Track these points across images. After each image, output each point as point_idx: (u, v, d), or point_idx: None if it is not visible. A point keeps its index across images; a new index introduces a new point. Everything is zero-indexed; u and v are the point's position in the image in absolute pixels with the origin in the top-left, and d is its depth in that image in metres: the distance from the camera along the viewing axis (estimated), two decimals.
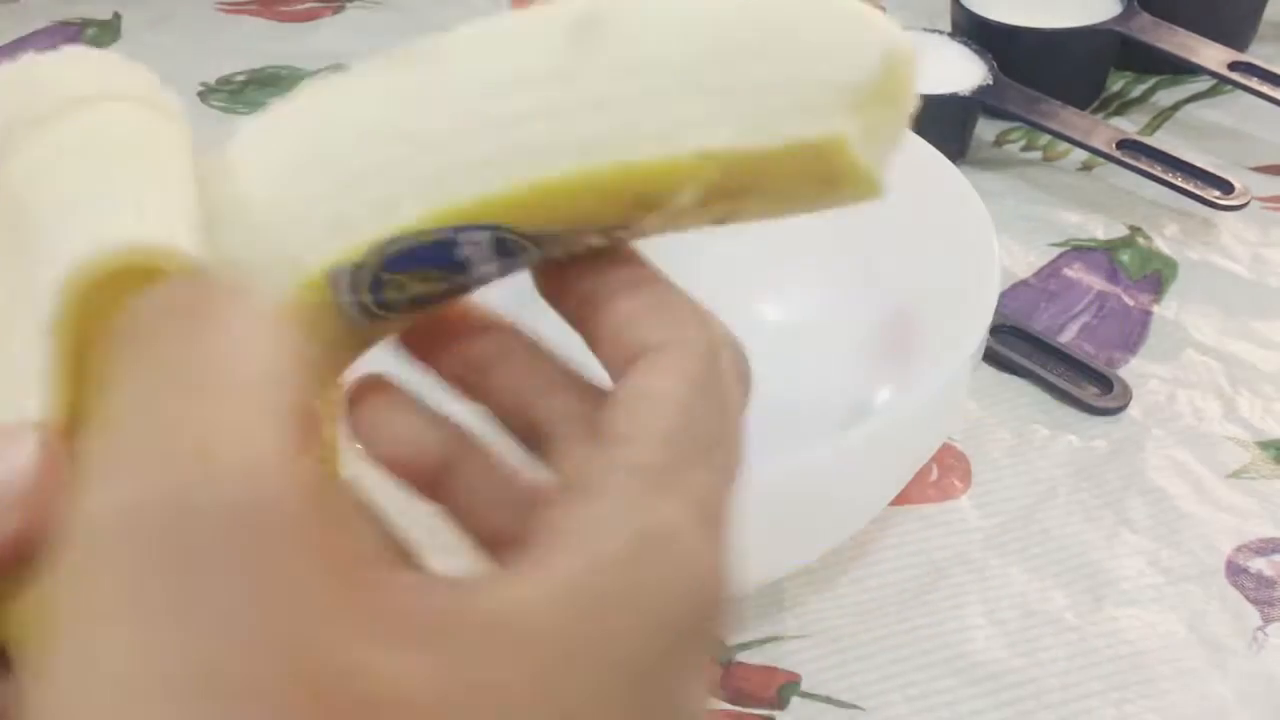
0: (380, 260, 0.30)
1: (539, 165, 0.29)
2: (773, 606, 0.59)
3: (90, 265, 0.26)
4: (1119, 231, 0.78)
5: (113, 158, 0.28)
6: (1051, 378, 0.69)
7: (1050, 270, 0.76)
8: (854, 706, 0.56)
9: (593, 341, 0.30)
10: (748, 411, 0.30)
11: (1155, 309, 0.74)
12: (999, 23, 0.85)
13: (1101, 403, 0.68)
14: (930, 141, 0.64)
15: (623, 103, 0.29)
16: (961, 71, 0.82)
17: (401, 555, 0.29)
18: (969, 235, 0.60)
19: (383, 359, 0.33)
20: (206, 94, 0.92)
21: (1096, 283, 0.75)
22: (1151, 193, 0.80)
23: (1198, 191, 0.76)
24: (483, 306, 0.32)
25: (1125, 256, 0.77)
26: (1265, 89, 0.81)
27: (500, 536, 0.29)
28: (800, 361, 0.67)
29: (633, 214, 0.31)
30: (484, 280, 0.31)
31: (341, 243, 0.29)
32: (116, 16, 1.02)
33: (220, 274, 0.27)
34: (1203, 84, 0.89)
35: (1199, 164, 0.77)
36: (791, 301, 0.69)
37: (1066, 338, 0.72)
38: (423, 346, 0.32)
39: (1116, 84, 0.90)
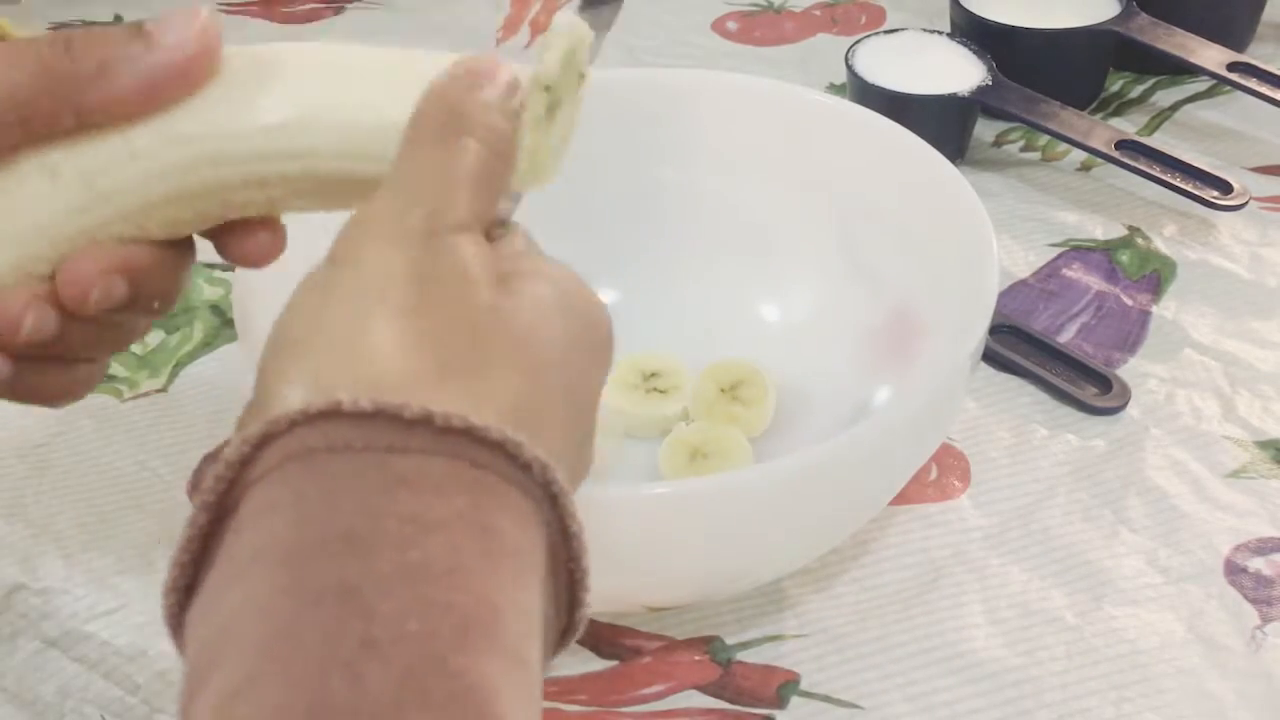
0: None
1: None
2: (773, 606, 0.59)
3: None
4: (1118, 231, 0.79)
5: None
6: (1050, 377, 0.69)
7: (1049, 270, 0.76)
8: (853, 705, 0.56)
9: None
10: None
11: (1154, 309, 0.74)
12: (998, 23, 0.85)
13: (1100, 402, 0.68)
14: (929, 142, 0.64)
15: None
16: (961, 72, 0.82)
17: None
18: (968, 235, 0.60)
19: None
20: None
21: (1095, 283, 0.75)
22: (1150, 193, 0.80)
23: (1196, 192, 0.76)
24: None
25: (1124, 256, 0.77)
26: (1264, 89, 0.82)
27: None
28: (800, 362, 0.67)
29: None
30: None
31: None
32: (117, 18, 1.02)
33: None
34: (1201, 84, 0.89)
35: (1198, 164, 0.78)
36: (791, 301, 0.69)
37: (1065, 338, 0.72)
38: None
39: (1115, 84, 0.90)
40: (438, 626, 0.30)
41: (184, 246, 0.44)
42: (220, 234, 0.44)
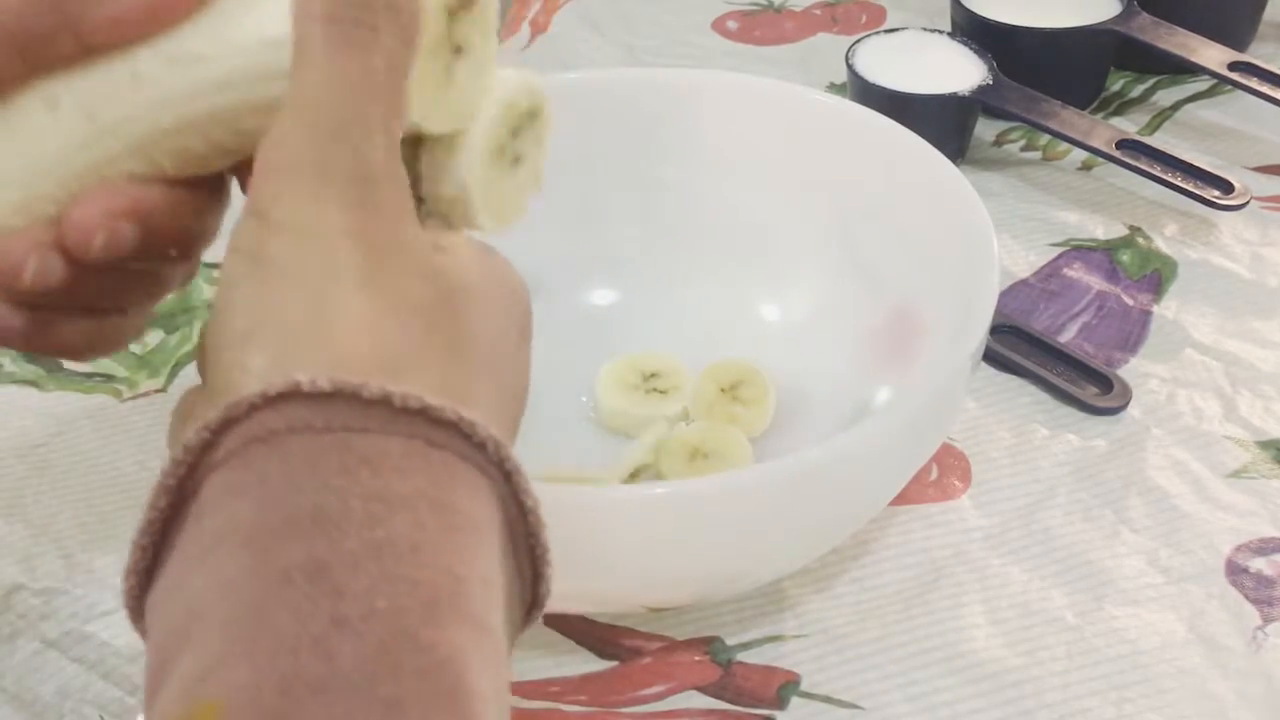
0: None
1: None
2: (773, 606, 0.59)
3: None
4: (1119, 231, 0.78)
5: None
6: (1051, 377, 0.69)
7: (1050, 270, 0.76)
8: (854, 706, 0.56)
9: None
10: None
11: (1155, 308, 0.74)
12: (999, 22, 0.85)
13: (1101, 402, 0.68)
14: (930, 141, 0.64)
15: None
16: (961, 71, 0.82)
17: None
18: (969, 235, 0.60)
19: None
20: None
21: (1096, 282, 0.75)
22: (1151, 192, 0.80)
23: (1197, 191, 0.76)
24: None
25: (1125, 256, 0.77)
26: (1265, 89, 0.81)
27: None
28: (800, 361, 0.67)
29: None
30: None
31: None
32: None
33: None
34: (1202, 84, 0.89)
35: (1198, 164, 0.77)
36: (791, 301, 0.69)
37: (1066, 337, 0.72)
38: None
39: (1116, 84, 0.90)
40: (406, 602, 0.30)
41: (206, 189, 0.41)
42: (243, 171, 0.40)
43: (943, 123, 0.81)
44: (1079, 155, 0.83)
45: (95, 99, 0.39)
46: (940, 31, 0.86)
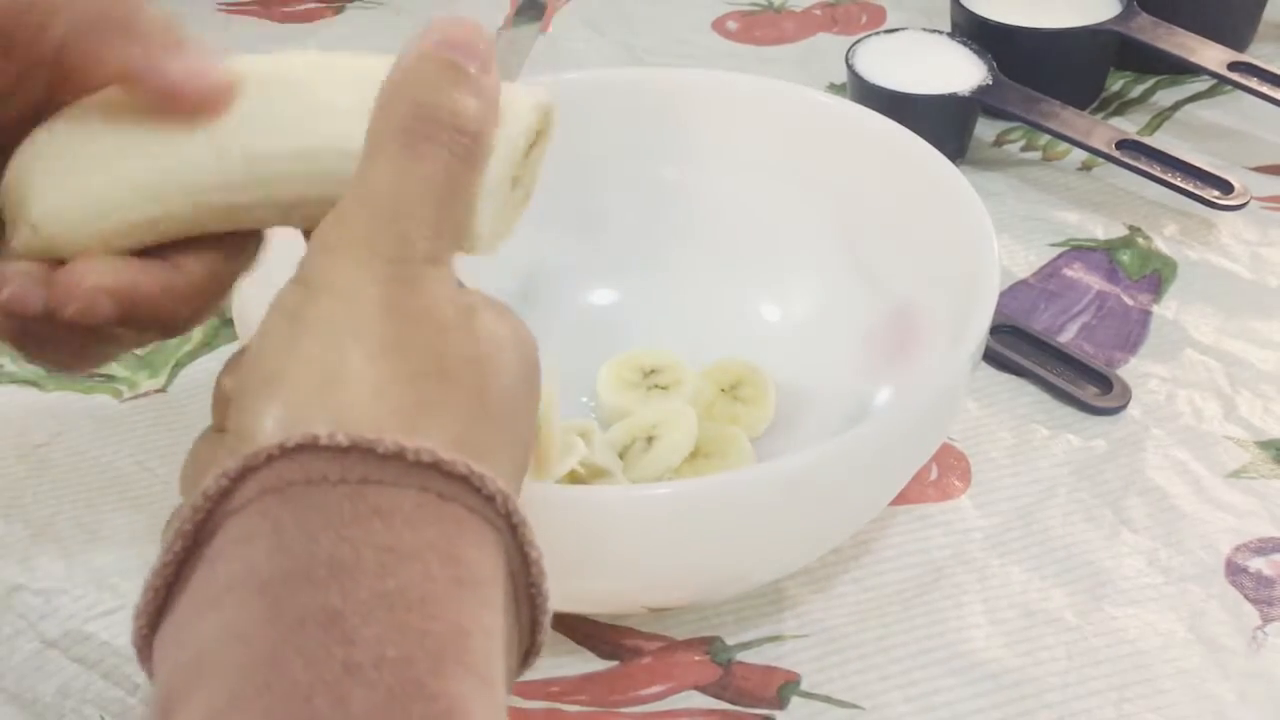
0: None
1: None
2: (773, 606, 0.59)
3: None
4: (1118, 231, 0.78)
5: None
6: (1051, 378, 0.69)
7: (1050, 270, 0.76)
8: (854, 706, 0.56)
9: None
10: None
11: (1155, 309, 0.74)
12: (999, 23, 0.85)
13: (1101, 402, 0.68)
14: (930, 141, 0.64)
15: None
16: (961, 72, 0.82)
17: None
18: (969, 235, 0.60)
19: None
20: None
21: (1096, 282, 0.75)
22: (1151, 193, 0.80)
23: (1197, 191, 0.76)
24: None
25: (1125, 256, 0.77)
26: (1265, 89, 0.81)
27: None
28: (800, 362, 0.67)
29: None
30: None
31: None
32: None
33: None
34: (1202, 84, 0.89)
35: (1198, 164, 0.77)
36: (792, 301, 0.69)
37: (1066, 337, 0.72)
38: None
39: (1116, 84, 0.90)
40: (415, 652, 0.31)
41: (208, 278, 0.43)
42: None
43: (943, 123, 0.81)
44: (1079, 155, 0.83)
45: (258, 154, 0.42)
46: (940, 31, 0.86)
